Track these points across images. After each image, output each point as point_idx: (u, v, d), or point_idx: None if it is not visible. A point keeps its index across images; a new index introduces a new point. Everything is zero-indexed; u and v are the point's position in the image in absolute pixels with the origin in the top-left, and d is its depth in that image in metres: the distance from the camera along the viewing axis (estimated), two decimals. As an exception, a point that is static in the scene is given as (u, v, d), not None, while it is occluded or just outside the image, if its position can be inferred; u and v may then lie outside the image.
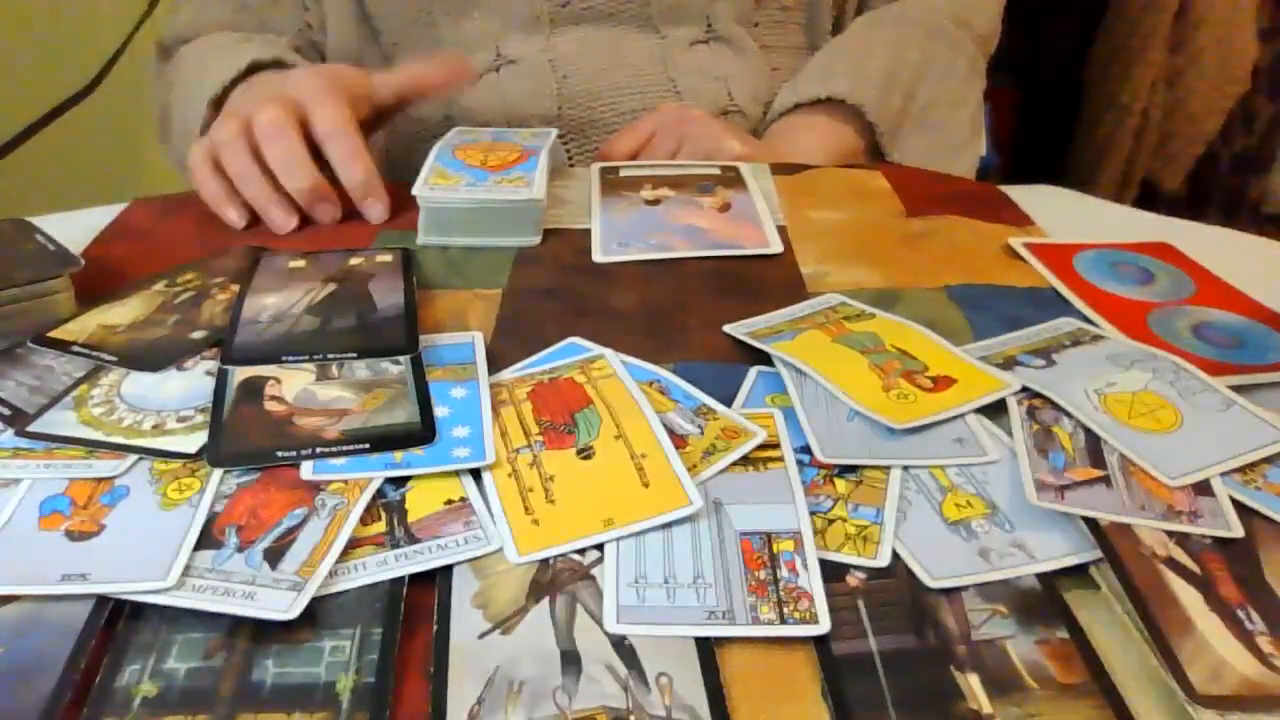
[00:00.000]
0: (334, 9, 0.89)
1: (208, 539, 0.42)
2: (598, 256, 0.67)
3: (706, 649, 0.38)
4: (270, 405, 0.49)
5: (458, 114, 0.89)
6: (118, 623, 0.39)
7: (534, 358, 0.56)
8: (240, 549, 0.42)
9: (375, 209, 0.71)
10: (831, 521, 0.44)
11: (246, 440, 0.47)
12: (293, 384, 0.51)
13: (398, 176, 0.74)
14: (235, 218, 0.69)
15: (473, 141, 0.73)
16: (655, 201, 0.73)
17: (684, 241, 0.68)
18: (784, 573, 0.41)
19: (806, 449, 0.48)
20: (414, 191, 0.66)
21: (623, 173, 0.78)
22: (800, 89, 0.88)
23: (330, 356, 0.53)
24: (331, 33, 0.91)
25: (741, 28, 0.90)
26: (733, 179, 0.77)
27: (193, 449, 0.47)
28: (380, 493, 0.45)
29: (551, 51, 0.87)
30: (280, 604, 0.39)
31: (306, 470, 0.46)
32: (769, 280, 0.64)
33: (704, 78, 0.89)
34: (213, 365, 0.53)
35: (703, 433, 0.49)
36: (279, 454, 0.46)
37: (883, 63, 0.87)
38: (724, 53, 0.90)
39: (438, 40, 0.89)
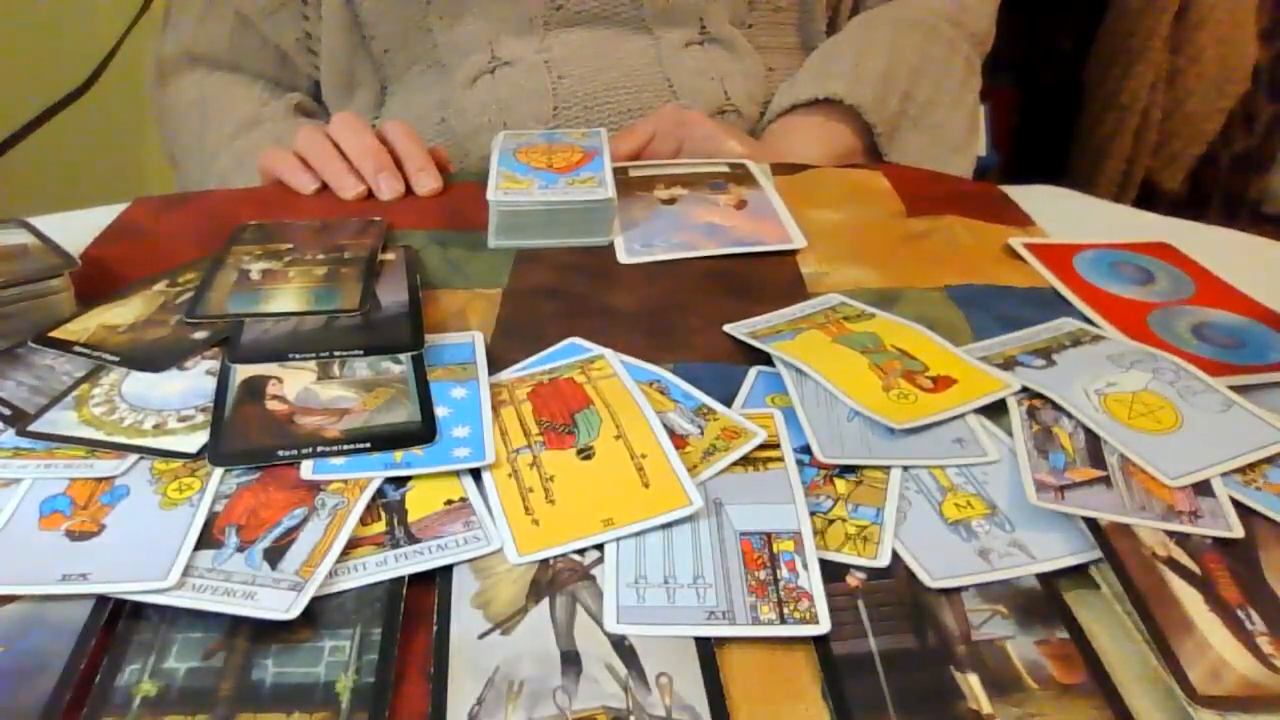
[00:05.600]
0: (326, 17, 0.89)
1: (208, 539, 0.42)
2: (622, 258, 0.67)
3: (706, 649, 0.38)
4: (271, 404, 0.50)
5: (452, 114, 0.89)
6: (118, 622, 0.39)
7: (534, 358, 0.56)
8: (240, 549, 0.42)
9: (426, 182, 0.77)
10: (831, 521, 0.44)
11: (248, 439, 0.47)
12: (294, 383, 0.51)
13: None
14: (311, 185, 0.78)
15: (528, 144, 0.74)
16: (671, 201, 0.73)
17: (706, 240, 0.68)
18: (784, 573, 0.41)
19: (806, 449, 0.48)
20: (488, 197, 0.67)
21: (631, 173, 0.78)
22: (797, 89, 0.88)
23: (337, 354, 0.53)
24: (323, 42, 0.91)
25: (735, 29, 0.90)
26: (743, 176, 0.77)
27: (193, 449, 0.47)
28: (380, 493, 0.45)
29: (547, 53, 0.87)
30: (280, 604, 0.39)
31: (306, 470, 0.46)
32: (769, 280, 0.64)
33: (700, 77, 0.89)
34: (213, 365, 0.53)
35: (703, 433, 0.49)
36: (280, 453, 0.46)
37: (880, 63, 0.87)
38: (718, 54, 0.90)
39: (432, 45, 0.89)
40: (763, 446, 0.48)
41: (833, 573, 0.41)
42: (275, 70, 0.95)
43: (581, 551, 0.43)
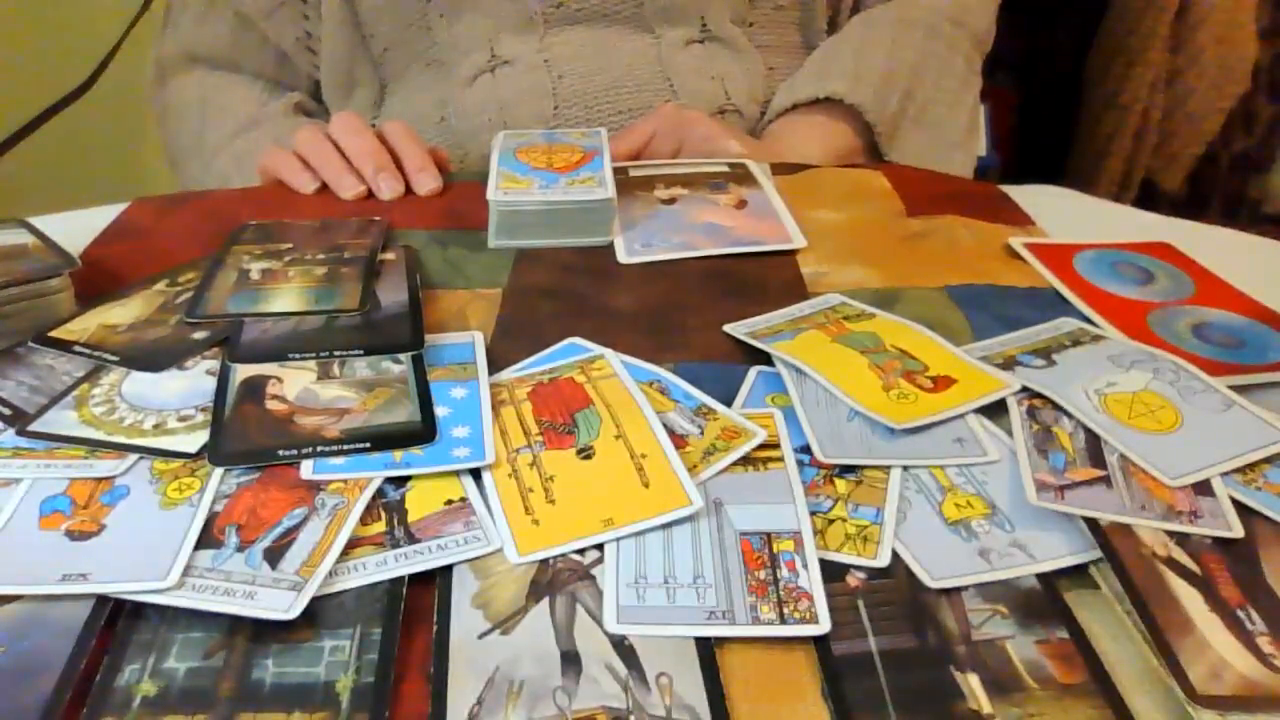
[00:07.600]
0: (326, 17, 0.89)
1: (208, 539, 0.42)
2: (622, 258, 0.67)
3: (706, 649, 0.38)
4: (271, 404, 0.50)
5: (452, 114, 0.89)
6: (118, 622, 0.39)
7: (534, 358, 0.56)
8: (240, 549, 0.42)
9: (426, 182, 0.77)
10: (831, 521, 0.44)
11: (248, 439, 0.47)
12: (294, 383, 0.51)
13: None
14: (311, 185, 0.78)
15: (528, 144, 0.74)
16: (671, 201, 0.73)
17: (707, 240, 0.68)
18: (784, 573, 0.41)
19: (806, 449, 0.48)
20: (488, 197, 0.67)
21: (631, 173, 0.78)
22: (798, 89, 0.88)
23: (337, 354, 0.53)
24: (323, 42, 0.91)
25: (736, 28, 0.90)
26: (743, 176, 0.77)
27: (193, 448, 0.47)
28: (380, 492, 0.45)
29: (547, 52, 0.87)
30: (280, 604, 0.39)
31: (307, 469, 0.46)
32: (769, 280, 0.64)
33: (700, 77, 0.89)
34: (213, 365, 0.53)
35: (703, 433, 0.49)
36: (280, 453, 0.46)
37: (880, 62, 0.87)
38: (720, 53, 0.90)
39: (431, 43, 0.89)
40: (763, 446, 0.48)
41: (833, 573, 0.41)
42: (275, 70, 0.95)
43: (581, 551, 0.43)
